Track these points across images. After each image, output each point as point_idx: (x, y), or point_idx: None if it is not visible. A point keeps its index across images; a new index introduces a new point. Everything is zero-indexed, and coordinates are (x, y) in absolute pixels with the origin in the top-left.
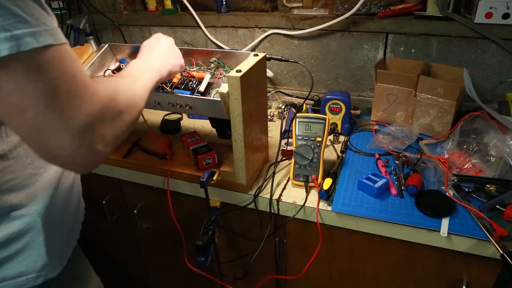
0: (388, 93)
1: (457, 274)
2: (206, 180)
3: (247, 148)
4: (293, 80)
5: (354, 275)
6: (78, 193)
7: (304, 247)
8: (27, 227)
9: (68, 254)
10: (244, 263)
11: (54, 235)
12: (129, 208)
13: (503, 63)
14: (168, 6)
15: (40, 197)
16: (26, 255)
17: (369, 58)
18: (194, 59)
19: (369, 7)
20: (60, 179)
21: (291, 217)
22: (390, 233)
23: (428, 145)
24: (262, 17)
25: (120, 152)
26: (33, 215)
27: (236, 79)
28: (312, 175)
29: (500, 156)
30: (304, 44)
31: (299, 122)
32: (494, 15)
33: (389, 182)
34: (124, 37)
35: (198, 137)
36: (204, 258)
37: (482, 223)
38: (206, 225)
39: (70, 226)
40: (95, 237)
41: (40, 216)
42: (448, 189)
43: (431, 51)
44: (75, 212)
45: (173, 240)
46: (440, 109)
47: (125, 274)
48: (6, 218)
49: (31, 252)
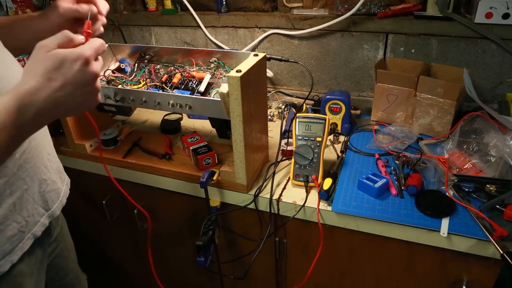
0: (388, 93)
1: (457, 274)
2: (206, 180)
3: (247, 148)
4: (293, 80)
5: (354, 275)
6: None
7: (304, 247)
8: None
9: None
10: (244, 263)
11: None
12: (129, 208)
13: (503, 63)
14: (168, 6)
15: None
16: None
17: (369, 58)
18: (194, 59)
19: (369, 7)
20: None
21: (291, 217)
22: (390, 233)
23: (428, 145)
24: (262, 17)
25: (120, 152)
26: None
27: (236, 79)
28: (312, 175)
29: (500, 156)
30: (304, 44)
31: (299, 122)
32: (494, 15)
33: (389, 182)
34: (124, 37)
35: (198, 137)
36: (204, 258)
37: (482, 223)
38: (206, 225)
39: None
40: (95, 237)
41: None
42: (448, 189)
43: (431, 51)
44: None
45: (173, 240)
46: (440, 109)
47: (125, 274)
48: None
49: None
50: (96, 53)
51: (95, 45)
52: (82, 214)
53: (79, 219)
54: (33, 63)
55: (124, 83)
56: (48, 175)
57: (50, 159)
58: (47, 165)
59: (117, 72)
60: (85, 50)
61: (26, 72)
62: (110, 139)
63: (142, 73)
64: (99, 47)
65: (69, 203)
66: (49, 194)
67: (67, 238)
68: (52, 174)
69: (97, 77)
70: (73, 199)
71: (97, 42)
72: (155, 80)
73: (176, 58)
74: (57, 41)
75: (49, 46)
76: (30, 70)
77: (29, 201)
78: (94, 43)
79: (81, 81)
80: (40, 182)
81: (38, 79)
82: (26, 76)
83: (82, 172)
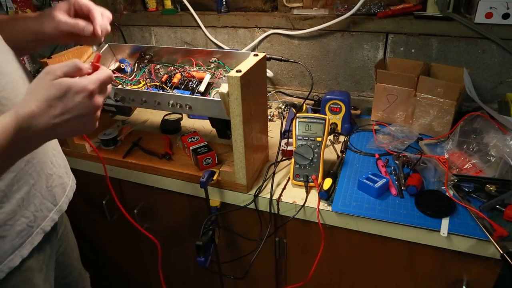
0: (388, 93)
1: (457, 274)
2: (206, 180)
3: (247, 148)
4: (293, 80)
5: (354, 275)
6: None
7: (304, 247)
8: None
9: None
10: (244, 263)
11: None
12: (129, 208)
13: (503, 63)
14: (168, 6)
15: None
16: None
17: (369, 58)
18: (194, 59)
19: (369, 7)
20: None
21: (291, 217)
22: (390, 233)
23: (428, 145)
24: (262, 17)
25: (120, 152)
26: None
27: (236, 79)
28: (312, 175)
29: (500, 156)
30: (304, 44)
31: (299, 122)
32: (494, 15)
33: (389, 182)
34: (124, 37)
35: (198, 137)
36: (204, 258)
37: (482, 223)
38: (206, 225)
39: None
40: (95, 237)
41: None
42: (448, 189)
43: (431, 51)
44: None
45: (173, 240)
46: (440, 109)
47: (125, 274)
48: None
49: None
50: (101, 85)
51: (101, 77)
52: (82, 214)
53: (79, 219)
54: (38, 87)
55: (124, 83)
56: (54, 170)
57: (55, 154)
58: (52, 160)
59: (117, 72)
60: (89, 83)
61: (29, 93)
62: (110, 139)
63: (142, 73)
64: (106, 79)
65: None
66: (56, 188)
67: (70, 237)
68: (58, 169)
69: (98, 109)
70: (73, 199)
71: (103, 74)
72: (155, 80)
73: (176, 58)
74: (65, 69)
75: (56, 73)
76: (33, 92)
77: (36, 196)
78: (101, 75)
79: (81, 112)
80: (47, 177)
81: (38, 105)
82: (28, 98)
83: (82, 172)
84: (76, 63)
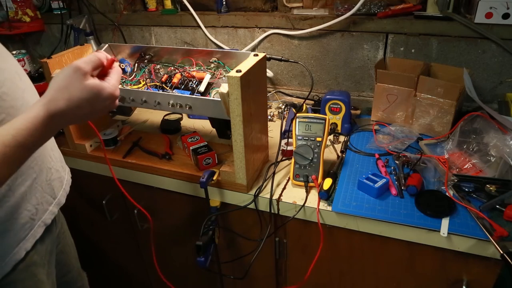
0: (388, 93)
1: (457, 274)
2: (206, 180)
3: (247, 148)
4: (293, 80)
5: (354, 275)
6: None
7: (304, 247)
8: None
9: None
10: (244, 263)
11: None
12: (129, 208)
13: (503, 63)
14: (168, 6)
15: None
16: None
17: (369, 58)
18: (194, 59)
19: (369, 7)
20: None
21: (291, 217)
22: (390, 233)
23: (428, 145)
24: (262, 17)
25: (120, 152)
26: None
27: (236, 79)
28: (312, 175)
29: (500, 156)
30: (304, 44)
31: (299, 122)
32: (494, 15)
33: (389, 182)
34: (124, 37)
35: (198, 137)
36: (204, 258)
37: (482, 223)
38: (206, 225)
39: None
40: (95, 237)
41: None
42: (448, 189)
43: (431, 51)
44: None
45: (173, 240)
46: (440, 109)
47: (125, 274)
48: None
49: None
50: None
51: (119, 78)
52: (82, 214)
53: (79, 219)
54: (69, 85)
55: (124, 83)
56: (52, 164)
57: (53, 149)
58: (51, 154)
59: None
60: (115, 88)
61: (58, 89)
62: (110, 139)
63: (142, 73)
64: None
65: (69, 203)
66: (54, 182)
67: (68, 236)
68: (56, 163)
69: (115, 107)
70: (73, 199)
71: (120, 74)
72: (155, 80)
73: (176, 58)
74: (92, 64)
75: (85, 69)
76: (63, 90)
77: (37, 190)
78: (118, 76)
79: (103, 110)
80: (47, 171)
81: (69, 105)
82: (58, 95)
83: (82, 172)
84: (99, 56)
